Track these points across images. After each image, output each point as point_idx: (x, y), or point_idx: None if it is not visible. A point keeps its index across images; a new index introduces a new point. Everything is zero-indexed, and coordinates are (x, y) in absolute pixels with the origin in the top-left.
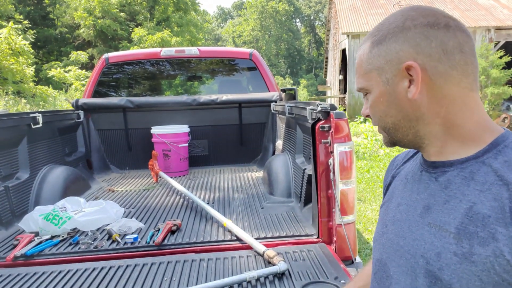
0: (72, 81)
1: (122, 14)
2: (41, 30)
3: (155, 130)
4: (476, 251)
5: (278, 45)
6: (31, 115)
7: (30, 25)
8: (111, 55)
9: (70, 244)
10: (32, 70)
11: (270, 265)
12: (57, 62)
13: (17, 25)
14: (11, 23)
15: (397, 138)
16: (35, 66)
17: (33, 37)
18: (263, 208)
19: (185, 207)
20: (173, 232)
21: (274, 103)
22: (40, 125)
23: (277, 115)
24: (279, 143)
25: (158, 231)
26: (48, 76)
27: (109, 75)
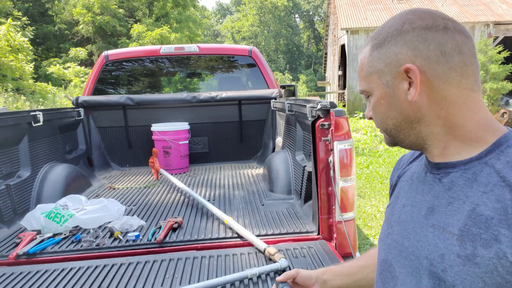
0: (71, 78)
1: (120, 10)
2: (40, 27)
3: (155, 127)
4: (479, 253)
5: (277, 41)
6: (32, 113)
7: (29, 21)
8: (111, 52)
9: (72, 242)
10: (31, 67)
11: (271, 262)
12: (56, 59)
13: (16, 22)
14: (9, 19)
15: (398, 139)
16: (34, 63)
17: (32, 33)
18: (263, 205)
19: (186, 205)
20: (174, 230)
21: (274, 100)
22: (40, 123)
23: (277, 112)
24: (279, 140)
25: (160, 228)
26: (47, 73)
27: (109, 72)
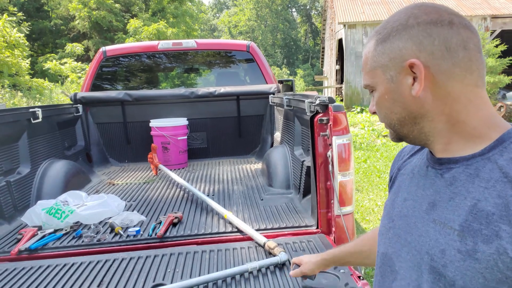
0: (68, 74)
1: (117, 5)
2: (36, 22)
3: (154, 123)
4: (479, 248)
5: (274, 35)
6: (31, 110)
7: (25, 17)
8: (108, 48)
9: (74, 238)
10: (27, 63)
11: (271, 256)
12: (52, 55)
13: (11, 18)
14: (5, 15)
15: (402, 134)
16: (30, 58)
17: (28, 29)
18: (262, 200)
19: (186, 200)
20: (174, 225)
21: (272, 95)
22: (39, 119)
23: (275, 107)
24: (278, 135)
25: (160, 223)
26: (43, 68)
27: (106, 68)
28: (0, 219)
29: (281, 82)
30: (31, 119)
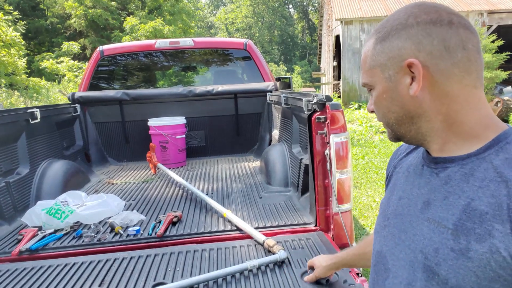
0: (65, 72)
1: (113, 3)
2: (32, 21)
3: (152, 122)
4: (472, 247)
5: (271, 32)
6: (29, 110)
7: (20, 16)
8: (106, 47)
9: (74, 238)
10: (24, 62)
11: (270, 253)
12: (49, 53)
13: (7, 16)
14: (0, 14)
15: (400, 133)
16: (26, 57)
17: (24, 28)
18: (261, 198)
19: (185, 199)
20: (174, 224)
21: (270, 93)
22: (38, 120)
23: (273, 105)
24: (275, 133)
25: (160, 222)
26: (40, 67)
27: (104, 67)
28: (0, 220)
29: (278, 79)
30: (30, 119)
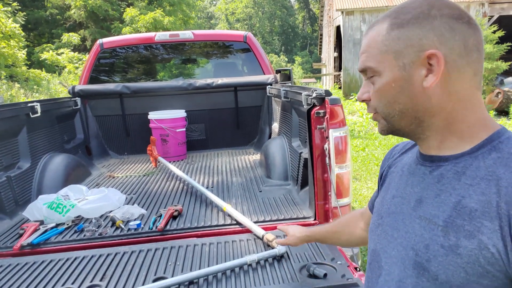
0: (65, 64)
1: None
2: (31, 12)
3: (152, 115)
4: (462, 243)
5: (272, 22)
6: (29, 104)
7: (20, 7)
8: (105, 40)
9: (75, 232)
10: (24, 54)
11: (269, 248)
12: (49, 45)
13: (6, 8)
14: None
15: (399, 126)
16: (26, 49)
17: (23, 19)
18: (261, 192)
19: (185, 192)
20: (174, 218)
21: (270, 86)
22: (38, 114)
23: (273, 98)
24: (275, 126)
25: (160, 217)
26: (40, 59)
27: (104, 60)
28: (2, 214)
29: (278, 71)
30: (30, 113)
